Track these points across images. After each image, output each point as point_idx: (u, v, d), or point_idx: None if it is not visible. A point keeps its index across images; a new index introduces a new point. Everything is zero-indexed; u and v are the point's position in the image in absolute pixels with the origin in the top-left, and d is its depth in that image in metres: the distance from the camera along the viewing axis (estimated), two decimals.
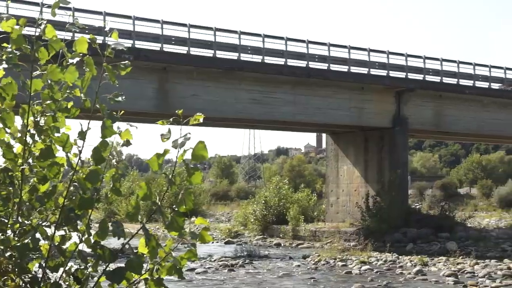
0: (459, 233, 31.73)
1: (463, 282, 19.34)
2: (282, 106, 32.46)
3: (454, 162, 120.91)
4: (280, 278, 21.66)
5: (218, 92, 30.61)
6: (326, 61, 33.46)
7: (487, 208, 65.17)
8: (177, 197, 3.28)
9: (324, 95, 33.67)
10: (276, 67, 31.88)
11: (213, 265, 25.28)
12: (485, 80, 39.38)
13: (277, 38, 32.38)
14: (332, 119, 34.17)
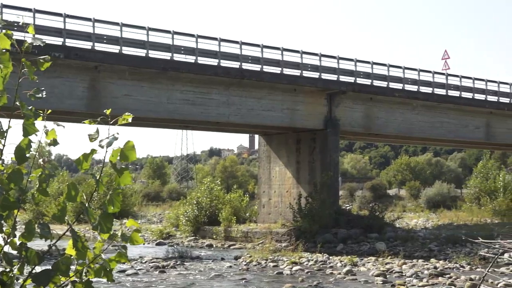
0: (388, 233, 32.30)
1: (391, 281, 19.68)
2: (216, 107, 32.43)
3: (383, 164, 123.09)
4: (212, 279, 21.61)
5: (151, 92, 30.34)
6: (259, 63, 33.58)
7: (415, 209, 66.52)
8: (105, 198, 3.23)
9: (258, 96, 33.80)
10: (211, 68, 31.81)
11: (144, 266, 25.03)
12: (414, 83, 40.22)
13: (211, 39, 32.30)
14: (265, 120, 34.30)
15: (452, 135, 43.49)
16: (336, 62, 36.41)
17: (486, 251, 22.46)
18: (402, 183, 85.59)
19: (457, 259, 23.99)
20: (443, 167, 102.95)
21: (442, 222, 42.66)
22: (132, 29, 29.96)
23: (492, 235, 28.35)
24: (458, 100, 42.40)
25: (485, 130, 45.36)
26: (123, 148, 3.16)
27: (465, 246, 27.17)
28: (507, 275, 19.43)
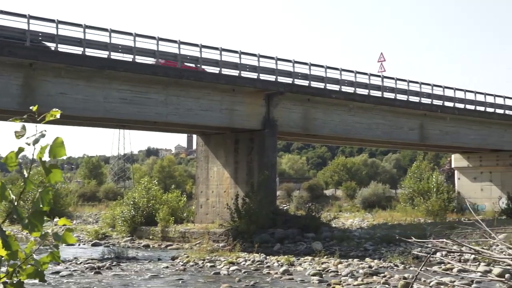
0: (324, 233, 32.61)
1: (327, 281, 19.88)
2: (154, 107, 32.18)
3: (320, 164, 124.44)
4: (148, 280, 21.44)
5: (87, 90, 29.89)
6: (198, 62, 33.49)
7: (351, 209, 67.45)
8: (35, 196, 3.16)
9: (196, 96, 33.69)
10: (149, 67, 31.55)
11: (78, 267, 24.64)
12: (350, 85, 40.73)
13: (149, 38, 32.02)
14: (203, 120, 34.22)
15: (388, 136, 44.25)
16: (275, 63, 36.58)
17: (419, 250, 22.92)
18: (339, 183, 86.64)
19: (391, 258, 24.41)
20: (379, 167, 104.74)
21: (377, 222, 43.34)
22: (68, 26, 29.42)
23: (425, 235, 29.02)
24: (393, 102, 43.17)
25: (419, 132, 46.32)
26: (52, 144, 3.11)
27: (399, 245, 27.64)
28: (439, 274, 19.86)
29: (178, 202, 40.77)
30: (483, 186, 55.17)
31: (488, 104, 50.20)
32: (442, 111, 46.45)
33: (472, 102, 49.26)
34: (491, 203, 52.91)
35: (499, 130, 51.70)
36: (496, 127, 51.48)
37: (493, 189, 54.37)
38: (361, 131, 42.33)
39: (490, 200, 53.63)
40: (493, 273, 18.58)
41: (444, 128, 47.77)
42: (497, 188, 53.99)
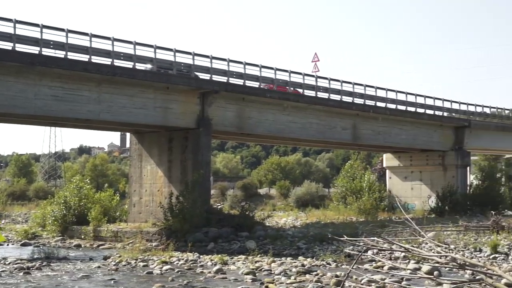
0: (258, 232, 32.70)
1: (260, 279, 19.92)
2: (86, 104, 31.65)
3: (255, 163, 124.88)
4: (79, 280, 21.09)
5: (17, 87, 29.17)
6: (132, 60, 33.10)
7: (284, 207, 67.85)
8: None
9: (130, 94, 33.31)
10: (81, 64, 30.98)
11: (7, 268, 24.03)
12: (285, 84, 40.98)
13: (82, 34, 31.45)
14: (137, 118, 33.86)
15: (321, 135, 44.71)
16: (209, 62, 36.50)
17: (351, 249, 23.20)
18: (273, 182, 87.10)
19: (324, 257, 24.64)
20: (312, 167, 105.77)
21: (310, 221, 43.70)
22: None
23: (357, 233, 29.44)
24: (327, 102, 43.65)
25: (352, 132, 46.97)
26: None
27: (332, 244, 27.91)
28: (370, 272, 20.16)
29: (111, 201, 40.30)
30: (413, 185, 56.33)
31: (419, 105, 51.30)
32: (374, 111, 47.23)
33: (404, 102, 50.25)
34: (421, 202, 54.06)
35: (428, 130, 52.88)
36: (426, 128, 52.64)
37: (423, 188, 55.58)
38: (295, 131, 42.65)
39: (420, 199, 54.79)
40: (422, 270, 18.96)
41: (376, 128, 48.57)
42: (426, 187, 55.22)
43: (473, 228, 31.56)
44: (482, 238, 28.59)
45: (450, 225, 32.91)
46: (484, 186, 54.38)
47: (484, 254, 24.13)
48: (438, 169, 54.43)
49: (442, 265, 14.27)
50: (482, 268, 12.67)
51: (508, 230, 29.74)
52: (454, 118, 54.64)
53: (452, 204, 50.25)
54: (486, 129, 56.79)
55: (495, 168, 63.04)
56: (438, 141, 53.59)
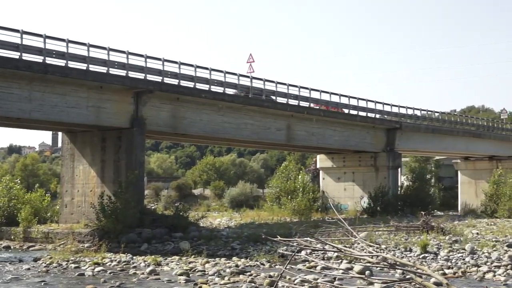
0: (192, 232, 32.60)
1: (194, 280, 19.86)
2: (16, 102, 30.91)
3: (189, 164, 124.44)
4: (8, 282, 20.58)
5: None
6: (64, 58, 32.52)
7: (219, 208, 67.93)
8: None
9: (62, 92, 32.71)
10: (11, 61, 30.23)
11: None
12: (220, 85, 40.97)
13: (12, 31, 30.70)
14: (69, 117, 33.27)
15: (256, 136, 44.87)
16: (144, 61, 36.19)
17: (285, 249, 23.36)
18: (207, 183, 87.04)
19: (258, 257, 24.72)
20: (247, 167, 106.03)
21: (245, 221, 43.82)
22: None
23: (291, 234, 29.63)
24: (262, 103, 43.85)
25: (286, 133, 47.30)
26: None
27: (266, 244, 28.02)
28: (303, 272, 20.34)
29: (42, 202, 39.55)
30: (346, 186, 57.11)
31: (352, 107, 52.05)
32: (308, 113, 47.68)
33: (337, 104, 50.91)
34: (354, 202, 54.89)
35: (361, 132, 53.71)
36: (359, 129, 53.45)
37: (355, 189, 56.41)
38: (230, 131, 42.69)
39: (352, 200, 55.61)
40: (354, 270, 19.23)
41: (310, 129, 49.05)
42: (359, 188, 56.06)
43: (404, 228, 32.16)
44: (412, 238, 29.18)
45: (382, 225, 33.48)
46: (415, 187, 55.62)
47: (414, 254, 24.63)
48: (370, 170, 55.34)
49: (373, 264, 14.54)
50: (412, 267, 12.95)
51: (437, 230, 30.44)
52: (386, 120, 55.67)
53: (384, 205, 51.20)
54: (417, 131, 58.04)
55: (425, 170, 64.57)
56: (371, 142, 54.49)
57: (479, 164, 70.67)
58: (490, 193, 53.48)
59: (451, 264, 22.19)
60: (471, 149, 65.33)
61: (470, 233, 31.14)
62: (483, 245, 25.65)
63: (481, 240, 28.07)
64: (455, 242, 27.04)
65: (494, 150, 67.73)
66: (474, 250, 24.49)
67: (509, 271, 20.50)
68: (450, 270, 20.91)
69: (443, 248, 25.37)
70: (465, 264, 22.19)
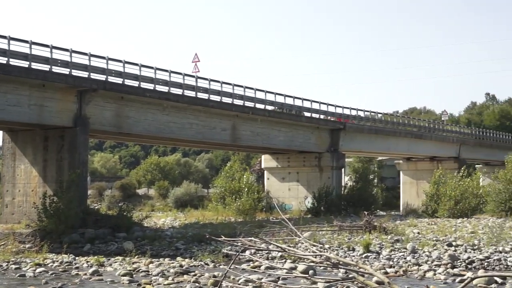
0: (136, 233, 32.38)
1: (138, 280, 19.73)
2: None
3: (133, 163, 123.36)
4: None
5: None
6: (6, 55, 31.91)
7: (163, 208, 67.53)
8: None
9: (3, 90, 32.09)
10: None
11: None
12: (165, 84, 40.80)
13: None
14: (10, 116, 32.67)
15: (201, 136, 44.81)
16: (88, 59, 35.78)
17: (229, 249, 23.40)
18: (152, 182, 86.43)
19: (202, 257, 24.71)
20: (191, 167, 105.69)
21: (189, 221, 43.70)
22: None
23: (235, 234, 29.68)
24: (207, 103, 43.82)
25: (231, 133, 47.37)
26: None
27: (210, 244, 28.01)
28: (247, 271, 20.42)
29: None
30: (290, 186, 57.50)
31: (297, 107, 52.44)
32: (253, 113, 47.85)
33: (282, 104, 51.23)
34: (298, 202, 55.31)
35: (306, 132, 54.16)
36: (304, 130, 53.88)
37: (300, 189, 56.83)
38: (175, 131, 42.54)
39: (297, 200, 56.02)
40: (298, 269, 19.39)
41: (255, 129, 49.23)
42: (303, 188, 56.51)
43: (347, 228, 32.55)
44: (355, 237, 29.57)
45: (325, 225, 33.83)
46: (358, 187, 56.33)
47: (357, 253, 24.96)
48: (315, 170, 55.84)
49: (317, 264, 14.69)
50: (355, 266, 13.14)
51: (379, 229, 30.91)
52: (330, 120, 56.27)
53: (328, 205, 51.73)
54: (360, 132, 58.82)
55: (368, 170, 65.42)
56: (315, 143, 54.98)
57: (421, 165, 72.04)
58: (431, 193, 54.48)
59: (393, 263, 22.57)
60: (413, 150, 66.59)
61: (412, 233, 31.70)
62: (424, 244, 26.15)
63: (422, 239, 28.60)
64: (397, 241, 27.51)
65: (435, 151, 69.16)
66: (415, 249, 24.94)
67: (449, 270, 20.94)
68: (392, 269, 21.27)
69: (385, 248, 25.78)
70: (406, 263, 22.60)
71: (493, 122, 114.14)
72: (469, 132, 77.30)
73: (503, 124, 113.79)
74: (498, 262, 22.50)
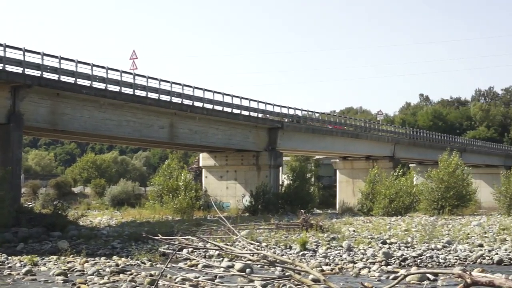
0: (71, 231, 31.90)
1: (72, 280, 19.42)
2: None
3: (69, 161, 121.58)
4: None
5: None
6: None
7: (99, 206, 66.70)
8: None
9: None
10: None
11: None
12: (102, 81, 40.30)
13: None
14: None
15: (138, 134, 44.44)
16: (22, 54, 35.06)
17: (167, 248, 23.26)
18: (88, 180, 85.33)
19: (139, 256, 24.47)
20: (129, 165, 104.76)
21: (126, 220, 43.27)
22: None
23: (173, 232, 29.53)
24: (145, 100, 43.49)
25: (169, 131, 47.12)
26: None
27: (147, 243, 27.78)
28: (184, 270, 20.34)
29: None
30: (228, 185, 57.54)
31: (235, 106, 52.51)
32: (191, 111, 47.72)
33: (220, 103, 51.22)
34: (236, 201, 55.40)
35: (244, 131, 54.29)
36: (242, 128, 54.00)
37: (237, 187, 56.94)
38: (112, 128, 42.07)
39: (234, 198, 56.10)
40: (235, 268, 19.41)
41: (193, 128, 49.09)
42: (241, 186, 56.63)
43: (284, 226, 32.74)
44: (292, 235, 29.75)
45: (263, 224, 33.96)
46: (295, 185, 56.72)
47: (294, 251, 25.13)
48: (253, 168, 56.03)
49: (254, 262, 14.74)
50: (291, 264, 13.24)
51: (316, 228, 31.20)
52: (268, 119, 56.54)
53: (265, 203, 51.96)
54: (298, 131, 59.29)
55: (305, 169, 65.98)
56: (253, 141, 55.16)
57: (357, 164, 73.06)
58: (366, 191, 55.39)
59: (329, 261, 22.81)
60: (349, 149, 67.49)
61: (347, 231, 32.12)
62: (359, 242, 26.53)
63: (357, 237, 29.01)
64: (333, 239, 27.83)
65: (370, 150, 70.26)
66: (350, 247, 25.28)
67: (383, 267, 21.29)
68: (328, 267, 21.48)
69: (322, 246, 26.04)
70: (342, 260, 22.87)
71: (427, 123, 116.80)
72: (404, 132, 78.81)
73: (436, 124, 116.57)
74: (431, 259, 23.01)
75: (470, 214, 51.86)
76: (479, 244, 26.50)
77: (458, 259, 23.28)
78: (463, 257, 23.62)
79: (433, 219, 43.30)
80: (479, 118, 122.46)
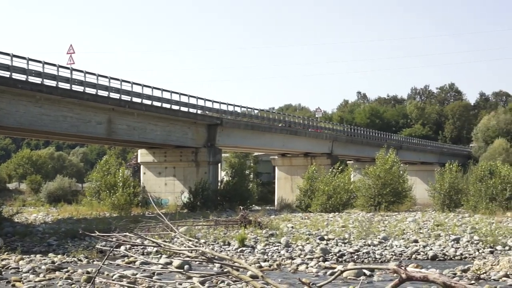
0: (5, 228, 31.32)
1: (7, 278, 19.09)
2: None
3: (4, 157, 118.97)
4: None
5: None
6: None
7: (35, 203, 65.57)
8: None
9: None
10: None
11: None
12: (38, 75, 39.62)
13: None
14: None
15: (75, 129, 43.82)
16: None
17: (104, 245, 23.06)
18: (23, 177, 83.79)
19: (76, 253, 24.19)
20: (65, 161, 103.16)
21: (62, 217, 42.67)
22: None
23: (110, 229, 29.28)
24: (82, 95, 42.92)
25: (107, 126, 46.60)
26: None
27: (84, 240, 27.50)
28: (122, 267, 20.19)
29: None
30: (167, 181, 57.27)
31: (174, 102, 52.30)
32: (130, 107, 47.30)
33: (159, 99, 50.93)
34: (174, 197, 55.18)
35: (183, 127, 54.11)
36: (181, 125, 53.80)
37: (176, 184, 56.72)
38: (48, 124, 41.38)
39: (173, 195, 55.87)
40: (173, 265, 19.39)
41: (131, 124, 48.67)
42: (180, 183, 56.44)
43: (223, 222, 32.83)
44: (230, 232, 29.87)
45: (201, 220, 33.96)
46: (234, 182, 56.86)
47: (232, 248, 25.23)
48: (191, 165, 55.91)
49: (192, 259, 14.75)
50: (229, 261, 13.30)
51: (254, 224, 31.37)
52: (207, 116, 56.49)
53: (204, 200, 51.96)
54: (237, 128, 59.40)
55: (244, 165, 66.19)
56: (192, 138, 55.03)
57: (295, 161, 73.64)
58: (305, 188, 55.92)
59: (267, 257, 22.97)
60: (288, 146, 67.95)
61: (286, 227, 32.36)
62: (297, 239, 26.79)
63: (295, 233, 29.28)
64: (271, 235, 28.03)
65: (309, 147, 70.88)
66: (289, 243, 25.51)
67: (320, 263, 21.57)
68: (266, 263, 21.64)
69: (260, 242, 26.20)
70: (280, 257, 23.06)
71: (364, 120, 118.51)
72: (341, 129, 79.78)
73: (373, 122, 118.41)
74: (367, 255, 23.43)
75: (405, 210, 52.84)
76: (414, 240, 27.07)
77: (394, 254, 23.77)
78: (399, 252, 24.13)
79: (369, 215, 44.01)
80: (414, 116, 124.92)
